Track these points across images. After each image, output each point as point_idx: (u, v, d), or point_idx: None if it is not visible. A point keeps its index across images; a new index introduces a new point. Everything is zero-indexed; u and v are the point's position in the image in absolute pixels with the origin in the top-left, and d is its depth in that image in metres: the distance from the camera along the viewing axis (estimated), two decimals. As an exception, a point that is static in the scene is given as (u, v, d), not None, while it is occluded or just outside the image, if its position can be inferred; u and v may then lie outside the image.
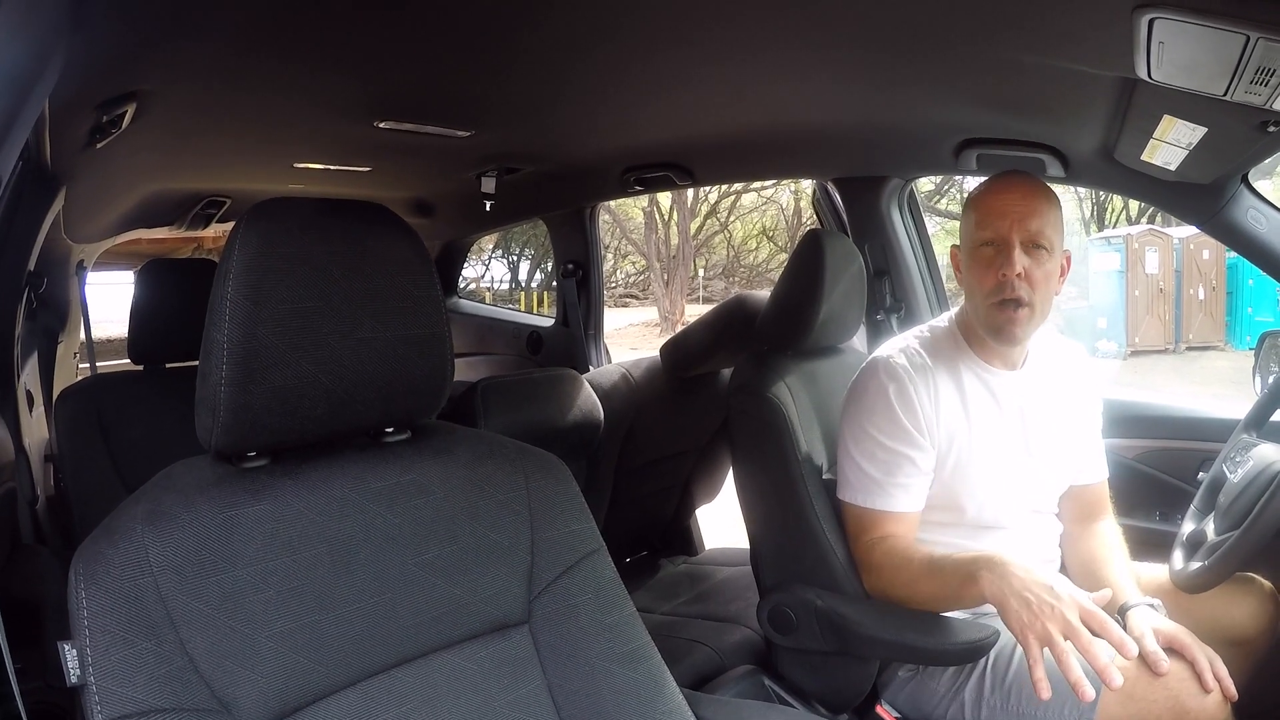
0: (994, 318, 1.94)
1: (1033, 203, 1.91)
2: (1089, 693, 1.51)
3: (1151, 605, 1.90)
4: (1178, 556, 2.01)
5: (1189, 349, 15.07)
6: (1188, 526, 2.08)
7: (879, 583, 2.00)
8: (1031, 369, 2.09)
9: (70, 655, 1.02)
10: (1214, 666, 1.74)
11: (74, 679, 1.02)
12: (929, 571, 1.87)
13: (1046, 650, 1.60)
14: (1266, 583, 2.04)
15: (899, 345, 2.09)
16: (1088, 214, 21.89)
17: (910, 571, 1.92)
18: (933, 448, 2.00)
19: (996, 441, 2.03)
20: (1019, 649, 1.88)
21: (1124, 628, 1.80)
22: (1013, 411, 2.05)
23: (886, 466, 1.98)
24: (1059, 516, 2.19)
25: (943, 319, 2.15)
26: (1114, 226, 20.32)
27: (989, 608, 2.00)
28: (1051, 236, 1.91)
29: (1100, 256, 15.45)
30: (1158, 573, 2.09)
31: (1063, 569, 2.17)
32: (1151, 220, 17.61)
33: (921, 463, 1.99)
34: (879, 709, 2.10)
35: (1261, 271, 2.22)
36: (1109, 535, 2.15)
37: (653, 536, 3.67)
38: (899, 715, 2.09)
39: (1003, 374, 2.05)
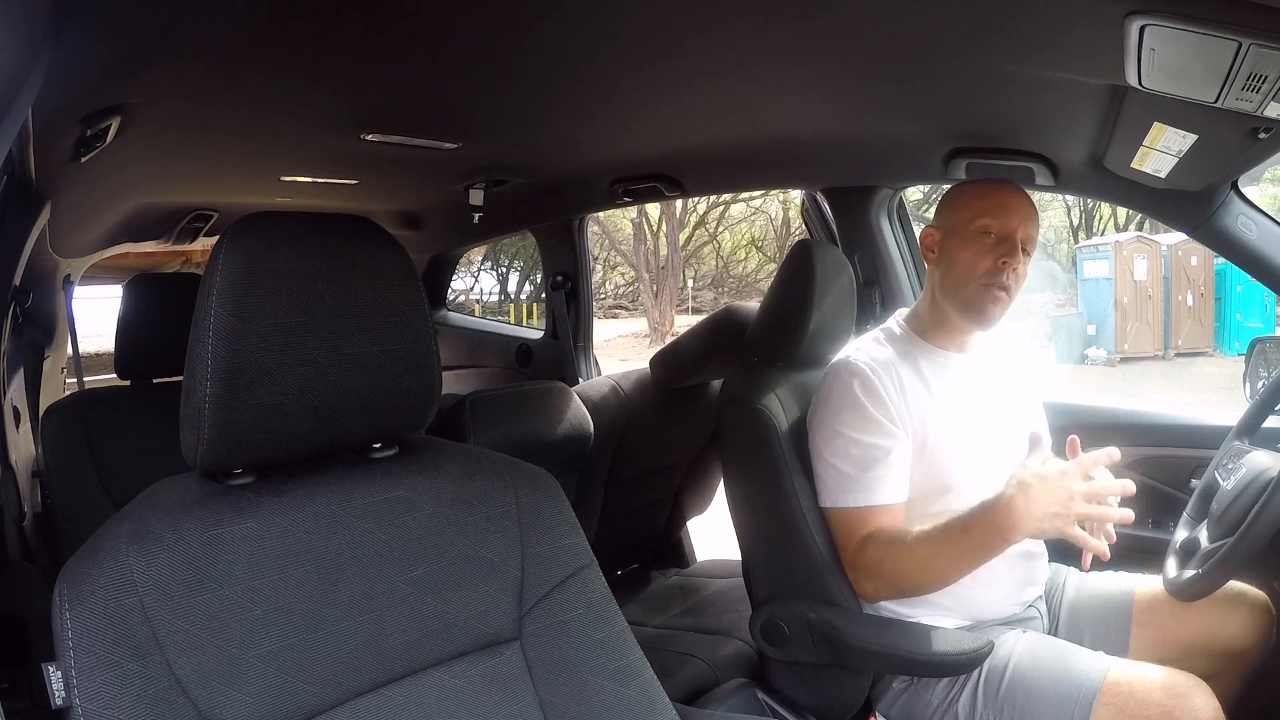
0: (981, 296, 2.03)
1: (1032, 210, 2.05)
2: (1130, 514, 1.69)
3: None
4: (1171, 564, 2.01)
5: (1178, 355, 15.11)
6: (1181, 534, 2.07)
7: (879, 584, 1.99)
8: (977, 354, 2.18)
9: (55, 677, 1.01)
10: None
11: (59, 701, 1.01)
12: (937, 548, 1.87)
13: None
14: (1261, 593, 2.04)
15: (855, 345, 2.16)
16: (1076, 222, 21.99)
17: (915, 556, 1.90)
18: (906, 436, 2.01)
19: (965, 416, 2.06)
20: (1011, 663, 1.90)
21: None
22: (972, 388, 2.11)
23: (861, 462, 1.99)
24: None
25: (891, 322, 2.23)
26: (1102, 234, 20.42)
27: (985, 615, 2.01)
28: (1035, 243, 2.06)
29: (1089, 264, 15.52)
30: (1151, 581, 2.09)
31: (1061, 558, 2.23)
32: (1139, 227, 17.70)
33: (896, 452, 2.00)
34: (872, 721, 2.09)
35: (1251, 278, 2.22)
36: None
37: (644, 549, 3.65)
38: (893, 727, 2.08)
39: (956, 357, 2.14)
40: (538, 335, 4.41)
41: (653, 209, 21.59)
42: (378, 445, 1.32)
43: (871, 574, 1.99)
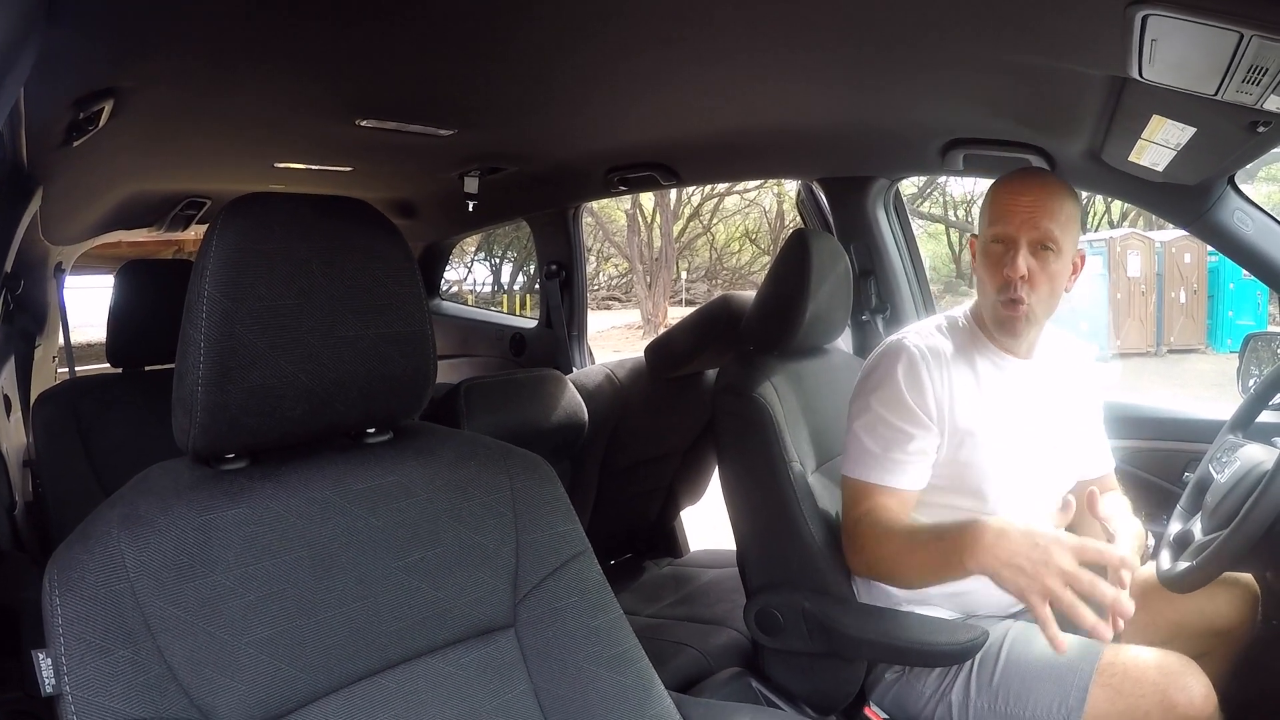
0: (998, 313, 1.98)
1: (1045, 203, 1.91)
2: (1108, 633, 1.49)
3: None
4: (1165, 556, 2.01)
5: (1170, 352, 15.16)
6: (1174, 526, 2.08)
7: (863, 559, 1.98)
8: (1041, 360, 2.11)
9: (45, 664, 1.00)
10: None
11: (49, 689, 1.00)
12: (910, 545, 1.85)
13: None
14: (1245, 575, 2.05)
15: (916, 329, 2.12)
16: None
17: (892, 545, 1.89)
18: (939, 431, 1.98)
19: (1012, 422, 2.02)
20: (1004, 650, 1.90)
21: None
22: (1026, 396, 2.06)
23: (885, 441, 1.97)
24: None
25: (958, 311, 2.16)
26: (1096, 229, 20.44)
27: (979, 609, 2.01)
28: (1060, 238, 1.91)
29: (1082, 260, 15.53)
30: (1145, 572, 2.09)
31: None
32: (1133, 223, 17.72)
33: (922, 442, 1.97)
34: (867, 710, 2.09)
35: (1247, 273, 2.22)
36: (1114, 498, 2.12)
37: (638, 538, 3.65)
38: (887, 717, 2.08)
39: (1015, 361, 2.07)
40: (531, 325, 4.40)
41: (647, 200, 21.59)
42: (372, 430, 1.31)
43: (857, 549, 1.98)
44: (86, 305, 5.06)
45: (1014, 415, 2.03)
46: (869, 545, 1.94)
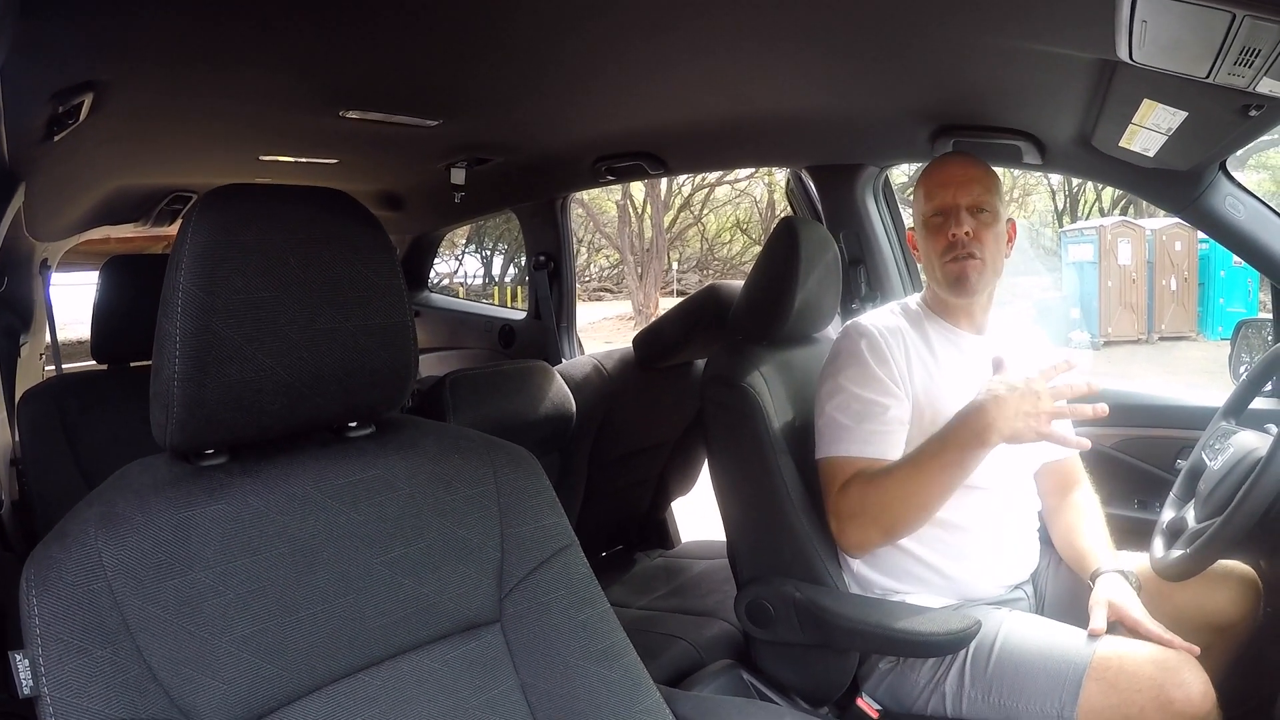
0: (949, 270, 2.06)
1: (972, 172, 2.07)
2: (1105, 408, 1.78)
3: (1122, 573, 1.97)
4: (1158, 544, 2.00)
5: (1162, 339, 15.17)
6: (1167, 514, 2.07)
7: (862, 523, 1.97)
8: (994, 335, 2.18)
9: (22, 665, 0.99)
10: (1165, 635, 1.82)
11: (27, 690, 0.99)
12: (913, 469, 1.90)
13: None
14: (1247, 568, 2.03)
15: (870, 314, 2.20)
16: (1060, 205, 22.02)
17: (895, 478, 1.92)
18: (906, 398, 2.03)
19: (969, 395, 2.01)
20: (999, 642, 1.89)
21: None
22: (982, 369, 2.03)
23: (859, 414, 2.00)
24: (1039, 494, 2.23)
25: (910, 299, 2.24)
26: (1086, 218, 20.44)
27: (973, 595, 2.00)
28: (994, 203, 2.06)
29: (1073, 248, 15.55)
30: (1138, 561, 2.08)
31: (1048, 543, 2.24)
32: (1124, 211, 17.75)
33: (895, 410, 2.01)
34: (860, 702, 2.07)
35: (1239, 259, 2.22)
36: (1084, 504, 2.22)
37: (628, 530, 3.64)
38: (880, 707, 2.07)
39: (969, 336, 2.15)
40: (520, 316, 4.40)
41: (637, 191, 21.55)
42: (353, 424, 1.29)
43: (854, 515, 1.98)
44: (76, 302, 5.04)
45: (969, 384, 2.00)
46: (870, 498, 1.95)
